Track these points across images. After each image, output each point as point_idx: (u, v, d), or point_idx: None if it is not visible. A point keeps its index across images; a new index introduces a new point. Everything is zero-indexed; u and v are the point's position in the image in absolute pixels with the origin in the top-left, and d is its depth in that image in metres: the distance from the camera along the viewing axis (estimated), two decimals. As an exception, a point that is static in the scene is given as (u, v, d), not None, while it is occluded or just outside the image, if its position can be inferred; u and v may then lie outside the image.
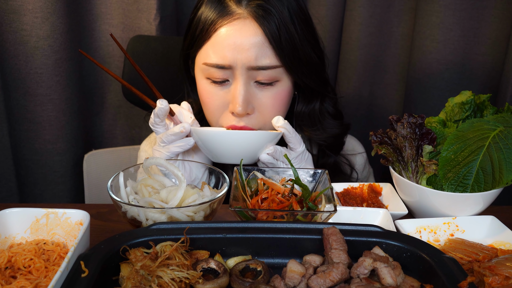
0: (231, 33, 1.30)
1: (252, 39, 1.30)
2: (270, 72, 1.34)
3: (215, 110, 1.40)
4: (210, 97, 1.39)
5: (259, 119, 1.39)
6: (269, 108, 1.38)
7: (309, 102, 1.52)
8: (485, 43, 1.90)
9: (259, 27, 1.30)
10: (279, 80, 1.37)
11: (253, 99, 1.36)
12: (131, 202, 1.11)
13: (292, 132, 1.31)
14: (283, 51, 1.32)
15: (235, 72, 1.32)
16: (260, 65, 1.31)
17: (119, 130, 2.28)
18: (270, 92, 1.37)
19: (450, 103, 1.34)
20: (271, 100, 1.38)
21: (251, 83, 1.35)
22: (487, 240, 1.13)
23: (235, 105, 1.33)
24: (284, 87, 1.39)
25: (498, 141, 1.17)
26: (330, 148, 1.58)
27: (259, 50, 1.30)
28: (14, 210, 1.03)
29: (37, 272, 0.92)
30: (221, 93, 1.37)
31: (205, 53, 1.36)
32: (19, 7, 1.82)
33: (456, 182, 1.17)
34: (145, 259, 0.87)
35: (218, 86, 1.37)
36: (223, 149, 1.27)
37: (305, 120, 1.53)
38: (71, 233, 1.02)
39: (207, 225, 0.99)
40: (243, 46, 1.30)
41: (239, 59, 1.30)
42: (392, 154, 1.28)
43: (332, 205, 1.08)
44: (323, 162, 1.58)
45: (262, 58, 1.31)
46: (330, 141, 1.56)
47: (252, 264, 0.93)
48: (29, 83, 1.92)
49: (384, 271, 0.87)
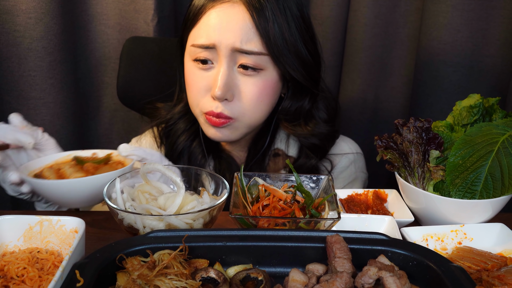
0: (219, 14, 1.34)
1: (240, 22, 1.33)
2: (254, 58, 1.36)
3: (197, 93, 1.43)
4: (193, 79, 1.42)
5: (238, 107, 1.41)
6: (250, 97, 1.40)
7: (298, 99, 1.53)
8: (494, 44, 1.90)
9: (247, 12, 1.33)
10: (263, 69, 1.39)
11: (234, 85, 1.38)
12: (128, 209, 1.11)
13: (147, 154, 1.31)
14: (270, 40, 1.34)
15: (219, 53, 1.35)
16: (244, 49, 1.34)
17: (115, 134, 2.28)
18: (253, 79, 1.39)
19: (457, 106, 1.34)
20: (253, 88, 1.39)
21: (234, 68, 1.38)
22: (496, 249, 1.12)
23: (214, 88, 1.36)
24: (268, 78, 1.41)
25: (508, 146, 1.17)
26: (312, 151, 1.59)
27: (245, 34, 1.33)
28: (7, 217, 1.03)
29: (31, 281, 0.92)
30: (204, 75, 1.40)
31: (193, 35, 1.40)
32: (12, 8, 1.83)
33: (464, 189, 1.17)
34: (142, 268, 0.88)
35: (203, 70, 1.40)
36: (69, 198, 1.24)
37: (289, 116, 1.55)
38: (65, 241, 1.02)
39: (206, 233, 0.99)
40: (229, 27, 1.33)
41: (224, 39, 1.33)
42: (397, 159, 1.28)
43: (335, 212, 1.08)
44: (303, 163, 1.59)
45: (247, 42, 1.34)
46: (313, 141, 1.57)
47: (253, 273, 0.93)
48: (22, 86, 1.93)
49: (389, 280, 0.87)
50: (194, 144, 1.60)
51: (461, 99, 1.35)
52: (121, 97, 1.89)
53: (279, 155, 1.59)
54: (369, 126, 2.27)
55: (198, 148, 1.59)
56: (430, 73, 1.97)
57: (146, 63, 1.85)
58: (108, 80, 2.16)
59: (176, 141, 1.60)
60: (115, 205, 1.08)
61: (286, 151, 1.60)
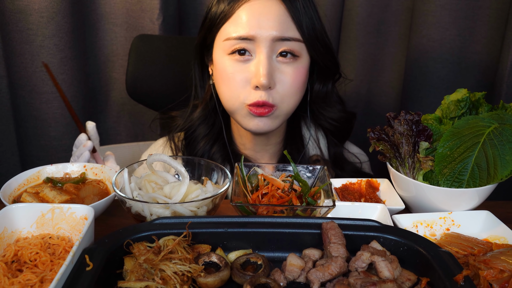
0: (255, 7, 1.33)
1: (277, 12, 1.33)
2: (293, 45, 1.35)
3: (237, 85, 1.37)
4: (232, 72, 1.37)
5: (278, 95, 1.37)
6: (289, 83, 1.38)
7: (325, 82, 1.54)
8: (480, 42, 1.89)
9: (283, 4, 1.33)
10: (299, 56, 1.38)
11: (275, 73, 1.36)
12: (136, 198, 1.11)
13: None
14: (303, 28, 1.35)
15: (259, 44, 1.33)
16: (285, 36, 1.33)
17: (123, 127, 2.28)
18: (291, 67, 1.37)
19: (446, 100, 1.34)
20: (291, 75, 1.37)
21: (274, 56, 1.36)
22: (482, 235, 1.12)
23: (259, 78, 1.32)
24: (304, 64, 1.40)
25: (493, 137, 1.17)
26: (337, 135, 1.60)
27: (283, 23, 1.33)
28: (21, 205, 1.02)
29: (43, 265, 0.92)
30: (243, 67, 1.36)
31: (226, 31, 1.36)
32: (25, 7, 1.82)
33: (452, 178, 1.17)
34: (148, 253, 0.87)
35: (240, 62, 1.36)
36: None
37: (320, 100, 1.55)
38: (76, 227, 1.02)
39: (208, 219, 0.99)
40: (268, 18, 1.32)
41: (264, 29, 1.32)
42: (389, 150, 1.27)
43: (330, 200, 1.08)
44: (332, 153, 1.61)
45: (286, 30, 1.33)
46: (340, 122, 1.58)
47: (252, 258, 0.93)
48: (35, 81, 1.92)
49: (381, 264, 0.87)
50: (214, 150, 1.54)
51: (449, 93, 1.35)
52: (130, 92, 1.89)
53: (318, 161, 1.57)
54: (362, 119, 2.26)
55: (217, 153, 1.54)
56: (420, 69, 1.97)
57: (153, 60, 1.84)
58: (116, 76, 2.16)
59: (196, 146, 1.54)
60: (124, 194, 1.08)
61: (318, 145, 1.60)
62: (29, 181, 1.27)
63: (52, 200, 1.19)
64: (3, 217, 0.99)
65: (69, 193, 1.22)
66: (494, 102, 1.82)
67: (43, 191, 1.22)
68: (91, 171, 1.33)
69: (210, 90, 1.52)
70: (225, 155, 1.53)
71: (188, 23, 2.21)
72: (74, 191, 1.24)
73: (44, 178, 1.30)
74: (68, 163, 1.34)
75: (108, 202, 1.17)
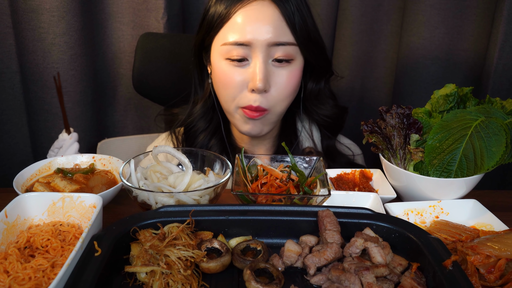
0: (250, 13, 1.29)
1: (271, 17, 1.29)
2: (288, 49, 1.33)
3: (234, 89, 1.36)
4: (229, 76, 1.35)
5: (272, 98, 1.36)
6: (283, 87, 1.36)
7: (318, 81, 1.52)
8: (467, 39, 1.88)
9: (277, 8, 1.30)
10: (294, 59, 1.36)
11: (270, 77, 1.34)
12: (142, 187, 1.10)
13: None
14: (297, 31, 1.32)
15: (255, 49, 1.31)
16: (280, 41, 1.30)
17: (129, 120, 2.27)
18: (286, 70, 1.35)
19: (435, 95, 1.34)
20: (286, 78, 1.35)
21: (269, 61, 1.33)
22: (470, 222, 1.12)
23: (255, 82, 1.31)
24: (298, 66, 1.38)
25: (480, 130, 1.16)
26: (330, 129, 1.59)
27: (278, 27, 1.30)
28: (33, 194, 1.02)
29: (54, 251, 0.92)
30: (240, 71, 1.34)
31: (223, 35, 1.34)
32: (37, 7, 1.81)
33: (441, 168, 1.17)
34: (153, 239, 0.87)
35: (237, 66, 1.34)
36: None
37: (313, 98, 1.53)
38: (85, 215, 1.01)
39: (210, 207, 0.98)
40: (263, 23, 1.29)
41: (260, 35, 1.29)
42: (381, 142, 1.27)
43: (326, 190, 1.07)
44: (324, 145, 1.59)
45: (281, 35, 1.31)
46: (333, 117, 1.56)
47: (252, 244, 0.93)
48: (46, 77, 1.91)
49: (374, 250, 0.87)
50: (212, 143, 1.53)
51: (438, 88, 1.35)
52: (136, 87, 1.88)
53: (312, 153, 1.56)
54: (356, 112, 2.26)
55: (215, 146, 1.53)
56: (410, 65, 1.96)
57: (159, 56, 1.83)
58: (123, 72, 2.15)
59: (195, 140, 1.54)
60: (130, 184, 1.08)
61: (311, 137, 1.58)
62: (41, 172, 1.27)
63: (63, 190, 1.19)
64: (16, 205, 0.99)
65: (78, 183, 1.22)
66: (481, 97, 1.81)
67: (54, 181, 1.22)
68: (99, 162, 1.33)
69: (209, 88, 1.51)
70: (222, 148, 1.53)
71: (191, 21, 2.20)
72: (84, 181, 1.24)
73: (55, 168, 1.30)
74: (78, 155, 1.34)
75: (115, 191, 1.17)
